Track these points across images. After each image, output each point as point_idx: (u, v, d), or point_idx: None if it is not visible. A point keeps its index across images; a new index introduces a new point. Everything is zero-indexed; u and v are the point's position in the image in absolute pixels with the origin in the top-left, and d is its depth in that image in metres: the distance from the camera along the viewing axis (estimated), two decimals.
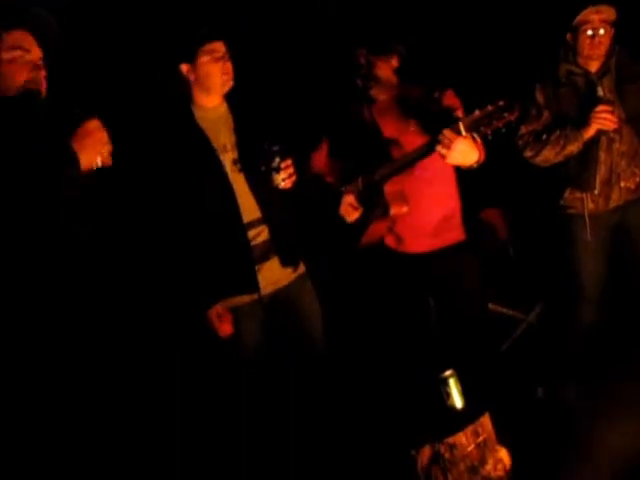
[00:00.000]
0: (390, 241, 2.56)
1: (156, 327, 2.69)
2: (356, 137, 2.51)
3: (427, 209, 2.48)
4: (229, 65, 2.29)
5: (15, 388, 1.98)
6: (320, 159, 2.67)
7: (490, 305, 2.98)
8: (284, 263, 2.37)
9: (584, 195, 2.64)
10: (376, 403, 2.52)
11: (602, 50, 2.57)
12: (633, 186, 2.64)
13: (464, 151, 2.18)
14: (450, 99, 2.39)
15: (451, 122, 2.17)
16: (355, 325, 2.88)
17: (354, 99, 2.54)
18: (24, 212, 1.79)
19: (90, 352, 2.27)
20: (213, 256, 2.29)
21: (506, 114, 2.09)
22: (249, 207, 2.30)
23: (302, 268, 2.47)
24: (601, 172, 2.61)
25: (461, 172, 2.51)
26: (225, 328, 2.29)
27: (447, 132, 2.15)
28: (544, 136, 2.63)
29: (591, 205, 2.65)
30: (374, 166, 2.43)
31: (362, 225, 2.49)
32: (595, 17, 2.53)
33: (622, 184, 2.62)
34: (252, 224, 2.31)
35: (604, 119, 2.49)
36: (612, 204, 2.65)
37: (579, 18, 2.55)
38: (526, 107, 2.62)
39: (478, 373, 2.32)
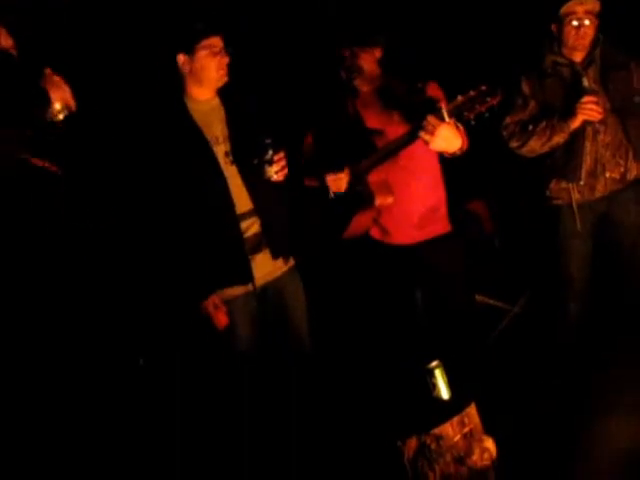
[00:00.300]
0: (375, 233, 2.56)
1: (153, 322, 2.67)
2: (340, 129, 2.51)
3: (412, 200, 2.48)
4: (225, 60, 2.30)
5: (12, 380, 1.96)
6: (306, 151, 2.66)
7: (477, 296, 2.99)
8: (275, 255, 2.38)
9: (570, 185, 2.65)
10: (362, 394, 2.52)
11: (587, 41, 2.57)
12: (618, 176, 2.64)
13: (447, 137, 2.19)
14: (433, 90, 2.39)
15: (434, 109, 2.18)
16: (342, 317, 2.87)
17: (337, 92, 2.54)
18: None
19: (89, 347, 2.26)
20: (207, 247, 2.30)
21: (488, 98, 2.12)
22: (241, 199, 2.31)
23: (292, 261, 2.47)
24: (587, 163, 2.61)
25: (446, 163, 2.52)
26: (221, 318, 2.29)
27: (430, 118, 2.16)
28: (530, 127, 2.63)
29: (577, 195, 2.65)
30: (359, 157, 2.43)
31: (348, 210, 2.48)
32: (580, 8, 2.53)
33: (607, 175, 2.63)
34: (244, 216, 2.32)
35: (590, 110, 2.49)
36: (597, 194, 2.66)
37: (564, 9, 2.55)
38: (509, 95, 2.62)
39: (464, 364, 2.32)
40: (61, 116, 1.89)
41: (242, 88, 2.41)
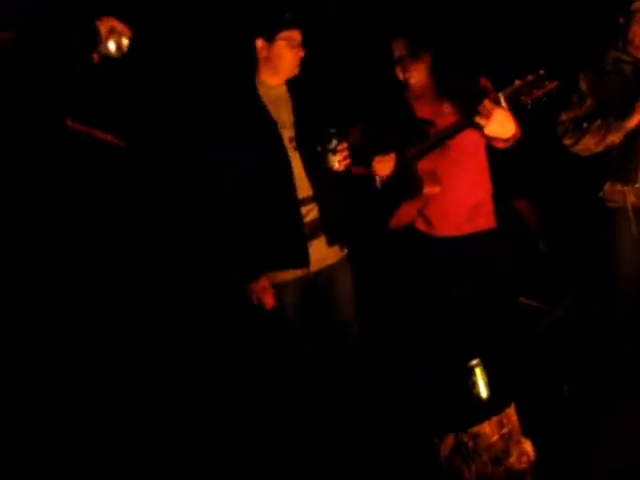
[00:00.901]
0: (420, 224, 2.56)
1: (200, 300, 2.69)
2: (390, 120, 2.51)
3: (460, 192, 2.47)
4: (301, 54, 2.32)
5: (13, 381, 1.98)
6: (354, 142, 2.64)
7: (521, 298, 2.93)
8: (331, 242, 2.39)
9: (625, 188, 2.56)
10: (401, 390, 2.50)
11: None
12: None
13: (502, 122, 2.15)
14: (484, 84, 2.38)
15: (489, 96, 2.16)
16: (383, 310, 2.85)
17: (388, 83, 2.54)
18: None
19: (90, 345, 2.28)
20: (266, 227, 2.31)
21: (547, 83, 2.07)
22: (302, 185, 2.33)
23: (345, 250, 2.48)
24: None
25: (493, 158, 2.46)
26: (269, 300, 2.31)
27: (487, 102, 2.13)
28: (585, 124, 2.55)
29: (633, 198, 2.56)
30: (408, 146, 2.41)
31: (394, 198, 2.45)
32: None
33: None
34: (303, 201, 2.34)
35: None
36: None
37: (635, 5, 2.44)
38: (567, 90, 2.54)
39: (505, 363, 2.28)
40: (125, 42, 1.86)
41: (309, 79, 2.42)
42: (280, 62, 2.31)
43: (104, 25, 1.84)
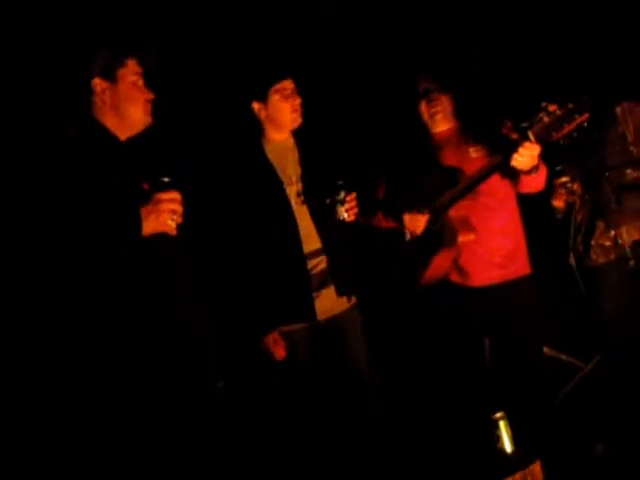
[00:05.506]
0: (454, 276, 2.51)
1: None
2: (415, 171, 2.51)
3: (494, 238, 2.44)
4: (298, 102, 2.38)
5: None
6: (380, 196, 2.67)
7: (546, 349, 2.84)
8: (340, 292, 2.41)
9: None
10: (422, 443, 2.44)
11: None
12: None
13: (532, 156, 2.11)
14: (508, 129, 2.36)
15: (514, 143, 2.12)
16: (406, 360, 2.81)
17: (411, 135, 2.56)
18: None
19: None
20: (273, 284, 2.36)
21: (576, 116, 2.00)
22: (310, 237, 2.37)
23: (354, 299, 2.48)
24: None
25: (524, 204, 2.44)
26: (280, 352, 2.36)
27: (527, 144, 2.07)
28: None
29: None
30: (437, 196, 2.41)
31: (426, 252, 2.44)
32: None
33: None
34: (312, 254, 2.38)
35: None
36: None
37: None
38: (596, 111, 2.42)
39: (531, 418, 2.22)
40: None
41: (316, 129, 2.47)
42: (280, 117, 2.37)
43: (153, 222, 1.73)
